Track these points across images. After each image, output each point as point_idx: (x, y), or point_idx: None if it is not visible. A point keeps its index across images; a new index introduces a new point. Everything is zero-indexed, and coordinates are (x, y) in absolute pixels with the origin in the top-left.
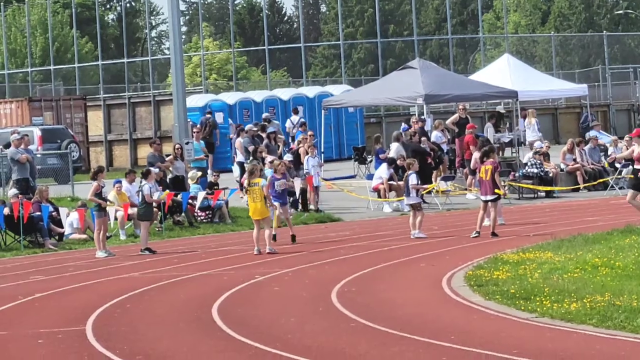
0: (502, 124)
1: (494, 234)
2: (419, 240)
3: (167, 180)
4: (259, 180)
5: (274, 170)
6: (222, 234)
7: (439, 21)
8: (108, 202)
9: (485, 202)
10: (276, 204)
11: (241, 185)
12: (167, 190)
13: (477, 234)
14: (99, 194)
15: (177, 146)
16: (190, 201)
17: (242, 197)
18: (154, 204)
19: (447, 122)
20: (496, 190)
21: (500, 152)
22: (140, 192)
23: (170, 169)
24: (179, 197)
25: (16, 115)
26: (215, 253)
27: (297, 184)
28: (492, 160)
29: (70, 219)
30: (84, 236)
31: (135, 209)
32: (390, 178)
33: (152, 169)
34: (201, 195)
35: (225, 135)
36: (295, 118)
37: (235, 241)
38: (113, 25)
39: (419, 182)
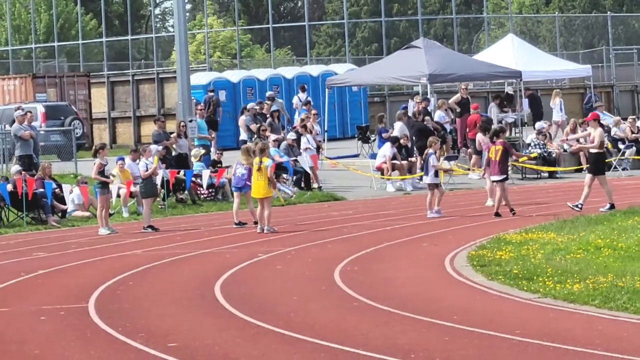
0: (509, 105)
1: (497, 214)
2: (422, 219)
3: (171, 157)
4: (266, 160)
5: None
6: (225, 212)
7: (443, 1)
8: (111, 178)
9: (493, 182)
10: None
11: None
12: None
13: (497, 216)
14: (101, 171)
15: (181, 124)
16: (193, 179)
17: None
18: (156, 182)
19: (450, 101)
20: (513, 164)
21: (507, 133)
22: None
23: (174, 146)
24: (182, 174)
25: (20, 92)
26: (218, 231)
27: (305, 162)
28: (501, 140)
29: (72, 196)
30: (87, 213)
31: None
32: (394, 157)
33: (152, 146)
34: (206, 173)
35: (227, 113)
36: (302, 95)
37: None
38: (117, 2)
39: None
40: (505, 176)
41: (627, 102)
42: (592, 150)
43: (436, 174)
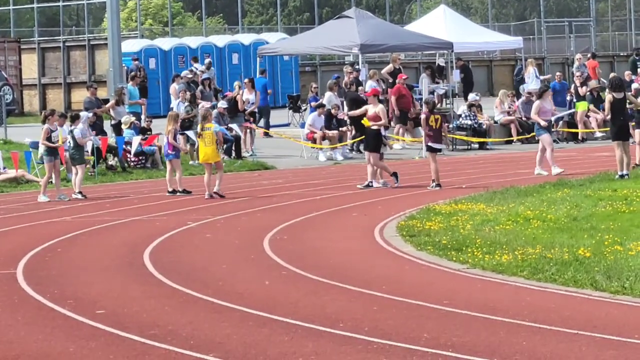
0: (440, 76)
1: (438, 185)
2: (352, 190)
3: (110, 125)
4: (212, 125)
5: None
6: (154, 179)
7: None
8: (58, 144)
9: (434, 150)
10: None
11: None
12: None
13: (438, 186)
14: (48, 137)
15: (122, 91)
16: (124, 146)
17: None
18: (86, 148)
19: (382, 72)
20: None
21: (439, 104)
22: (71, 136)
23: (112, 113)
24: (112, 141)
25: None
26: (147, 199)
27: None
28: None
29: None
30: (12, 175)
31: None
32: (328, 127)
33: (82, 113)
34: (136, 140)
35: (156, 81)
36: (197, 65)
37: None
38: None
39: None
40: (443, 145)
41: (562, 73)
42: (373, 127)
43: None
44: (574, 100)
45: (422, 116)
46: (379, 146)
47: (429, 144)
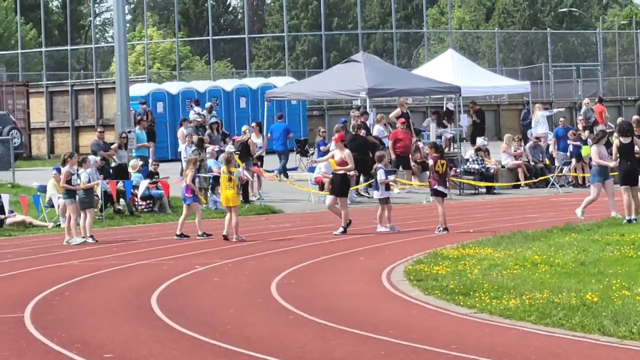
0: (449, 120)
1: (445, 229)
2: (360, 233)
3: (110, 168)
4: (235, 170)
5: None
6: (162, 223)
7: (384, 15)
8: (80, 185)
9: (439, 194)
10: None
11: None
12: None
13: (445, 230)
14: (68, 180)
15: (122, 135)
16: (132, 190)
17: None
18: (95, 192)
19: (390, 116)
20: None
21: (446, 148)
22: (78, 180)
23: (114, 157)
24: (120, 185)
25: None
26: (155, 243)
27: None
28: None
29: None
30: (20, 219)
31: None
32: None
33: (90, 156)
34: (144, 184)
35: (163, 125)
36: (197, 109)
37: (175, 231)
38: (57, 12)
39: (387, 177)
40: (447, 190)
41: (566, 118)
42: (339, 172)
43: (387, 188)
44: (580, 145)
45: (430, 161)
46: (345, 191)
47: (435, 187)
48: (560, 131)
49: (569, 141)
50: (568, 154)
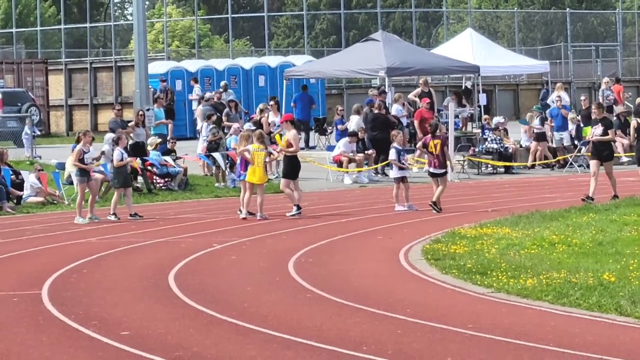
0: (467, 99)
1: (434, 204)
2: (378, 212)
3: (128, 146)
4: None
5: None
6: (180, 201)
7: None
8: (94, 163)
9: (434, 175)
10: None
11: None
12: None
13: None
14: (81, 159)
15: (139, 112)
16: (149, 167)
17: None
18: (129, 169)
19: (410, 95)
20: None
21: (463, 127)
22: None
23: (132, 135)
24: (139, 162)
25: None
26: (173, 220)
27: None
28: (439, 134)
29: (28, 183)
30: (41, 199)
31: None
32: (351, 150)
33: (107, 134)
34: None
35: (182, 103)
36: (197, 87)
37: (193, 209)
38: None
39: (404, 155)
40: (445, 170)
41: (587, 98)
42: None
43: (401, 167)
44: (582, 125)
45: (419, 143)
46: (294, 172)
47: (429, 169)
48: (555, 111)
49: (570, 123)
50: (566, 134)
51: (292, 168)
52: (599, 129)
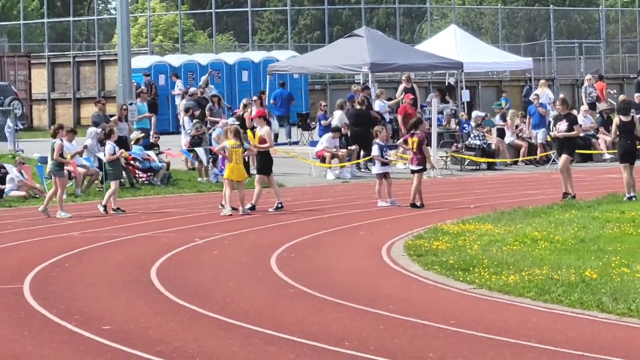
0: (450, 96)
1: (413, 205)
2: (361, 208)
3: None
4: (244, 143)
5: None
6: (162, 196)
7: None
8: (68, 158)
9: (412, 172)
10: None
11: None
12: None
13: (415, 207)
14: (61, 154)
15: (122, 107)
16: (132, 162)
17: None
18: (123, 162)
19: (391, 103)
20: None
21: (447, 124)
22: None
23: (114, 129)
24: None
25: None
26: (155, 215)
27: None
28: (419, 132)
29: (10, 176)
30: (23, 193)
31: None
32: (334, 146)
33: (90, 128)
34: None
35: (165, 97)
36: (179, 82)
37: (175, 203)
38: None
39: (386, 152)
40: (422, 167)
41: (568, 95)
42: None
43: (384, 163)
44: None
45: (401, 139)
46: (268, 168)
47: (409, 165)
48: (533, 108)
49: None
50: (542, 131)
51: (265, 164)
52: (563, 125)
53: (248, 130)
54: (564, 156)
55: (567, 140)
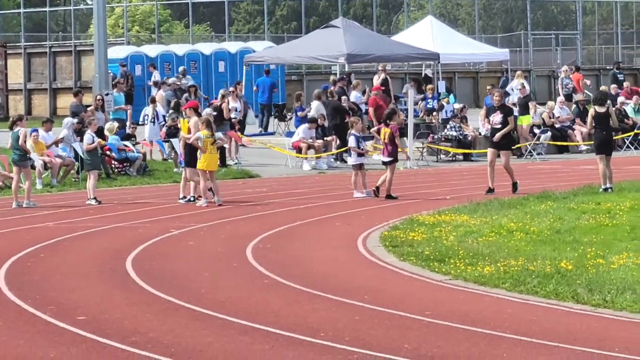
0: (427, 86)
1: (388, 196)
2: (337, 199)
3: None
4: (215, 133)
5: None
6: (138, 186)
7: None
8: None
9: (384, 163)
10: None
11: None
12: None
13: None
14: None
15: (98, 97)
16: (108, 152)
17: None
18: (100, 152)
19: (376, 83)
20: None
21: (423, 115)
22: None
23: (94, 119)
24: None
25: None
26: (131, 205)
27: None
28: (393, 123)
29: None
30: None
31: (54, 159)
32: (310, 137)
33: (66, 118)
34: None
35: (141, 88)
36: (156, 72)
37: (151, 194)
38: None
39: (362, 143)
40: (392, 158)
41: (544, 87)
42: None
43: (360, 154)
44: (516, 114)
45: (374, 128)
46: (192, 161)
47: (380, 156)
48: (488, 100)
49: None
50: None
51: (193, 156)
52: (497, 116)
53: (181, 120)
54: (503, 152)
55: (505, 135)
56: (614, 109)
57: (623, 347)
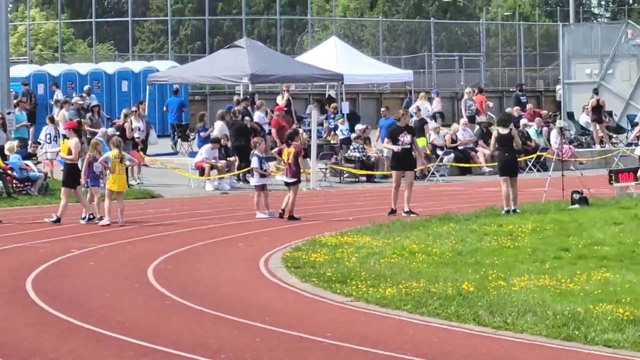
0: (330, 107)
1: (291, 217)
2: (239, 219)
3: None
4: (124, 154)
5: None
6: (39, 206)
7: (268, 1)
8: None
9: (287, 184)
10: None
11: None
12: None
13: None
14: None
15: (3, 116)
16: (9, 171)
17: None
18: None
19: (281, 103)
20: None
21: (327, 135)
22: None
23: None
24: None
25: None
26: (31, 225)
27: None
28: (296, 143)
29: None
30: None
31: None
32: (213, 157)
33: None
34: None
35: (44, 107)
36: (58, 92)
37: (53, 214)
38: None
39: (265, 163)
40: (296, 179)
41: (448, 108)
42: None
43: (262, 175)
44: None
45: (275, 149)
46: (75, 181)
47: (283, 177)
48: (382, 121)
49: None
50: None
51: (72, 176)
52: (407, 136)
53: (61, 141)
54: (408, 173)
55: (406, 154)
56: (517, 130)
57: None
